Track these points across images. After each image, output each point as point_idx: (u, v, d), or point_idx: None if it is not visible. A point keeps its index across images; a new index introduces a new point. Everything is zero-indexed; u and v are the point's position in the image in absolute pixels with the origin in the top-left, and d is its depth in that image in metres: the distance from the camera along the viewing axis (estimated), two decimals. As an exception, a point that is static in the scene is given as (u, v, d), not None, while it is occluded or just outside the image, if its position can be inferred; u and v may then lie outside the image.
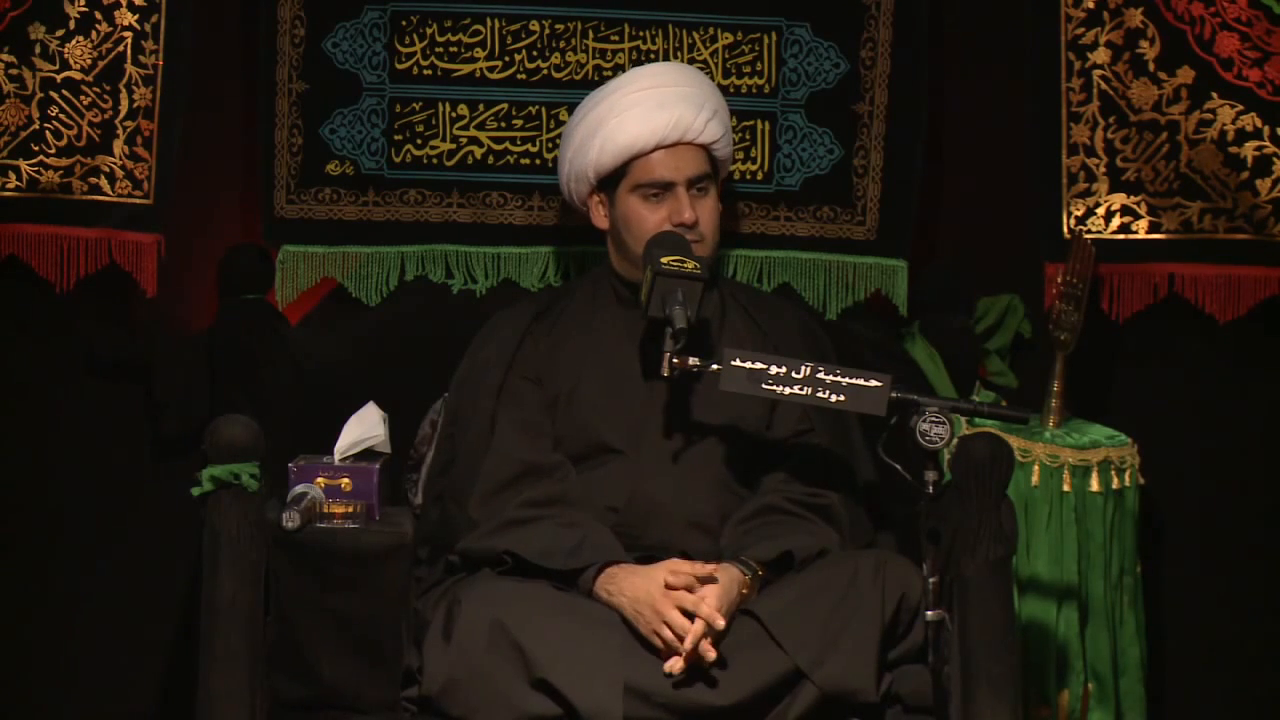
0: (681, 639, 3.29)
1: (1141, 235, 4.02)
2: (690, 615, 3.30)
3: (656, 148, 3.63)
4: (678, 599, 3.31)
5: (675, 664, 3.28)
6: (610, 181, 3.67)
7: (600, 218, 3.72)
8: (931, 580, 3.27)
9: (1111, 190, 4.01)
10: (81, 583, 4.06)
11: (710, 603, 3.31)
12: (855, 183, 4.10)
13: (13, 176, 3.89)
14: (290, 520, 3.51)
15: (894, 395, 3.34)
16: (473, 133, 4.06)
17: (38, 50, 3.86)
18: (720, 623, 3.29)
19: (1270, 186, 3.95)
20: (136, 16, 3.88)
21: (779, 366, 3.36)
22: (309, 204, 4.06)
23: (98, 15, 3.87)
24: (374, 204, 4.06)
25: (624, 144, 3.63)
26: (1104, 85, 3.99)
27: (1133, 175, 4.01)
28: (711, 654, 3.29)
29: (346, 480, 3.68)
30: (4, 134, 3.88)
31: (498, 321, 3.76)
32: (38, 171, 3.89)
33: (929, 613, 3.28)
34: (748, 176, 4.10)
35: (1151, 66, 3.97)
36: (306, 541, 3.58)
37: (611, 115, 3.65)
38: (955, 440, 3.40)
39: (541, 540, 3.44)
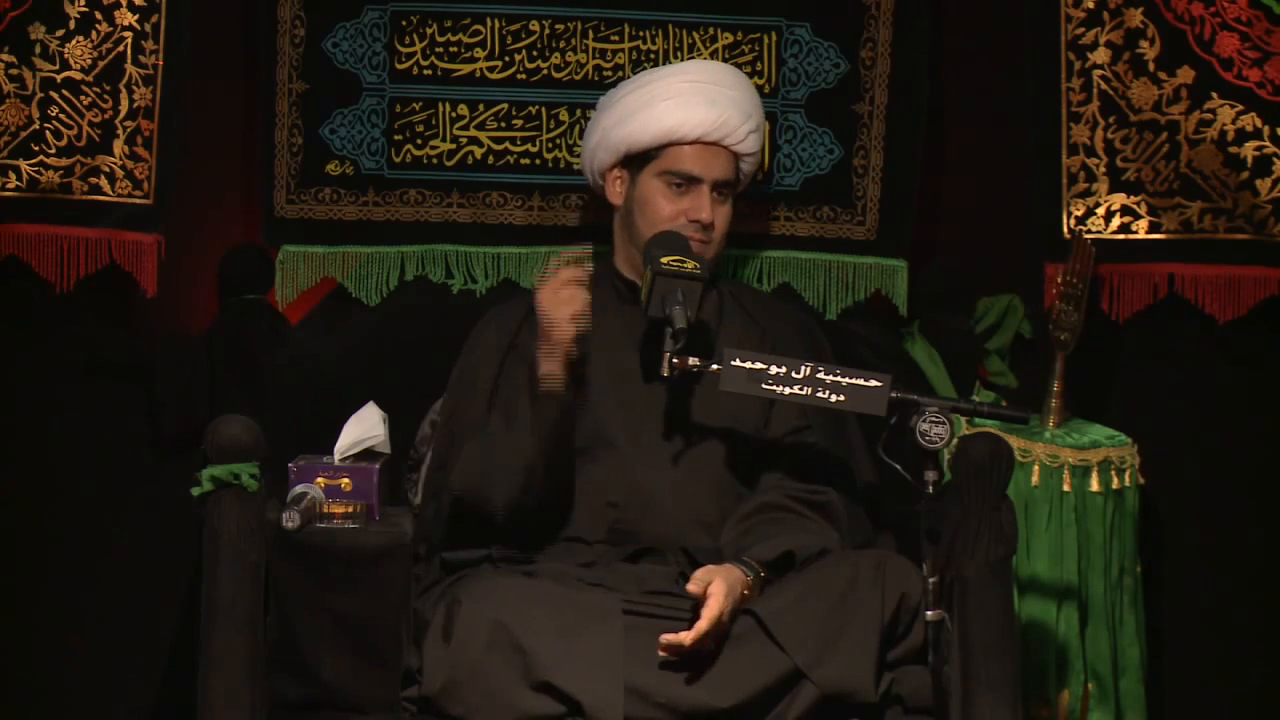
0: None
1: (1141, 235, 4.02)
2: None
3: (696, 141, 3.63)
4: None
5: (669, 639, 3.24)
6: (638, 160, 3.66)
7: (615, 193, 3.71)
8: (931, 580, 3.27)
9: (1111, 190, 4.01)
10: (82, 582, 4.06)
11: (702, 621, 3.28)
12: (855, 183, 4.10)
13: (13, 176, 3.89)
14: (290, 520, 3.51)
15: (894, 395, 3.34)
16: (473, 133, 4.06)
17: (38, 50, 3.86)
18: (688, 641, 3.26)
19: (1270, 186, 3.95)
20: (136, 16, 3.88)
21: (779, 366, 3.36)
22: (309, 204, 4.06)
23: (98, 15, 3.87)
24: (374, 204, 4.06)
25: (668, 126, 3.63)
26: (1104, 85, 3.99)
27: (1133, 175, 4.01)
28: (687, 640, 3.24)
29: (346, 480, 3.68)
30: (4, 134, 3.87)
31: (491, 319, 3.75)
32: (38, 171, 3.89)
33: (929, 613, 3.28)
34: (748, 176, 4.10)
35: (1151, 66, 3.97)
36: (306, 541, 3.58)
37: (662, 97, 3.65)
38: (955, 440, 3.40)
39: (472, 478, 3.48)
